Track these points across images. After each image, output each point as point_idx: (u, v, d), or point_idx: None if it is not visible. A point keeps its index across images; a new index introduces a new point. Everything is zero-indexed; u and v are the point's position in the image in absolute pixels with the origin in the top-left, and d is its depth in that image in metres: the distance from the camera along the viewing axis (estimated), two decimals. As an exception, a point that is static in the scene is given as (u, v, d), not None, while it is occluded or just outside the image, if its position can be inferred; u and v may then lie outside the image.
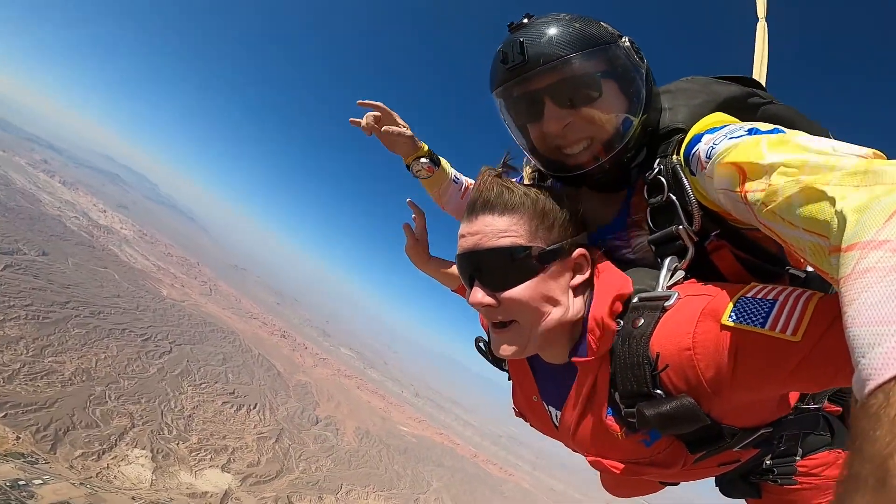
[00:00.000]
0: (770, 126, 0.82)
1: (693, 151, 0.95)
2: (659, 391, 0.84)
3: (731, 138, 0.84)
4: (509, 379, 1.27)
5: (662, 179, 1.02)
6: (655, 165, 1.04)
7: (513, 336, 0.98)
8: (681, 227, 0.98)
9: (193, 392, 29.60)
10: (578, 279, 1.00)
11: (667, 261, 1.00)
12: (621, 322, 0.93)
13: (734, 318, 0.77)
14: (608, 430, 0.96)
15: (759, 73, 1.97)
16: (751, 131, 0.83)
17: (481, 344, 1.28)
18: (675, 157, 1.02)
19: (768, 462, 1.24)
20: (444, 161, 1.75)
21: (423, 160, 1.68)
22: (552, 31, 1.01)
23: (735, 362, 0.76)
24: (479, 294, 0.97)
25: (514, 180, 1.04)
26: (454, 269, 1.66)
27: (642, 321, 0.88)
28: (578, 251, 1.00)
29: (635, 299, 0.94)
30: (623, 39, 1.08)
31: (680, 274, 0.97)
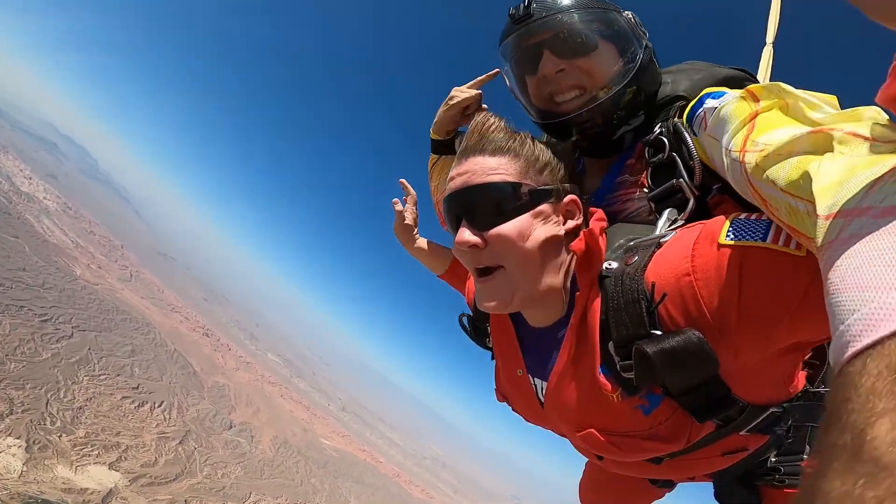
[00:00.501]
0: None
1: (698, 112, 0.98)
2: (657, 331, 0.77)
3: (731, 94, 0.88)
4: (492, 358, 1.19)
5: (664, 139, 1.04)
6: (656, 129, 1.07)
7: (499, 283, 0.93)
8: (682, 179, 0.97)
9: (89, 383, 26.80)
10: (570, 224, 0.96)
11: (666, 212, 0.98)
12: (613, 265, 0.87)
13: (732, 236, 0.73)
14: (601, 391, 0.86)
15: None
16: None
17: (464, 319, 1.27)
18: (677, 119, 1.06)
19: (773, 460, 1.14)
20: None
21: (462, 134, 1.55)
22: None
23: (740, 283, 0.69)
24: (465, 233, 0.93)
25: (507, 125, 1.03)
26: (441, 251, 1.68)
27: (636, 257, 0.84)
28: (570, 197, 0.97)
29: (630, 242, 0.91)
30: (626, 12, 1.18)
31: (680, 224, 0.94)
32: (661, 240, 0.85)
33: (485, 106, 1.44)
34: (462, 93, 1.43)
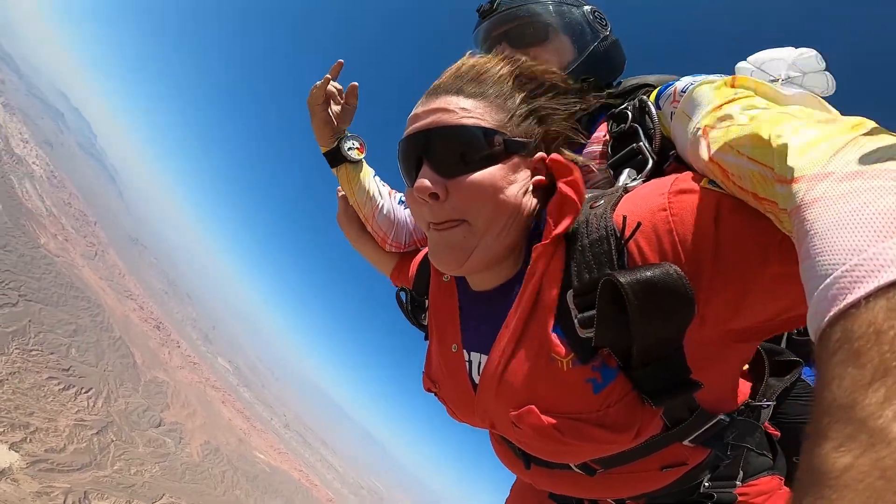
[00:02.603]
0: None
1: (667, 89, 1.00)
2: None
3: (710, 76, 0.90)
4: (426, 338, 1.11)
5: (628, 112, 1.07)
6: (621, 106, 1.11)
7: (461, 234, 0.83)
8: (642, 143, 0.99)
9: (18, 356, 25.97)
10: (537, 179, 0.87)
11: (626, 170, 0.97)
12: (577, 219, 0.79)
13: (712, 184, 0.69)
14: (551, 354, 0.76)
15: None
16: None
17: (402, 294, 1.17)
18: (643, 97, 1.08)
19: (707, 484, 1.04)
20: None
21: (351, 135, 1.41)
22: None
23: (717, 223, 0.65)
24: (425, 180, 0.81)
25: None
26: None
27: (602, 201, 0.79)
28: (540, 154, 0.88)
29: (593, 195, 0.85)
30: (587, 7, 1.28)
31: (639, 181, 0.91)
32: (627, 186, 0.82)
33: (355, 83, 1.34)
34: (312, 90, 1.31)
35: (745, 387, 0.97)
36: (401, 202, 1.50)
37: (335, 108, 1.37)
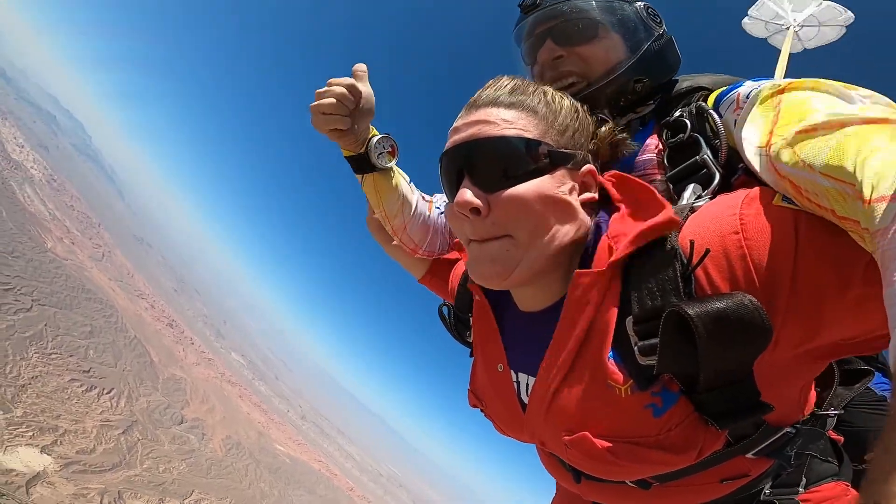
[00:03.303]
0: None
1: (728, 95, 0.92)
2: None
3: (776, 81, 0.81)
4: (471, 356, 1.08)
5: (685, 120, 0.98)
6: (676, 112, 1.03)
7: (504, 248, 0.78)
8: (705, 156, 0.90)
9: (38, 360, 25.94)
10: (586, 196, 0.82)
11: (690, 186, 0.88)
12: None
13: (786, 201, 0.64)
14: (607, 381, 0.71)
15: None
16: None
17: (445, 309, 1.14)
18: (701, 102, 1.00)
19: (767, 492, 1.01)
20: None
21: (381, 137, 1.23)
22: None
23: (796, 246, 0.60)
24: (467, 193, 0.77)
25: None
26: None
27: None
28: (588, 167, 0.84)
29: None
30: (640, 3, 1.17)
31: (706, 199, 0.83)
32: (693, 205, 0.77)
33: (359, 67, 1.17)
34: (333, 86, 1.12)
35: (812, 396, 0.92)
36: (437, 208, 1.42)
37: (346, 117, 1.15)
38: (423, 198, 1.42)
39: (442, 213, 1.42)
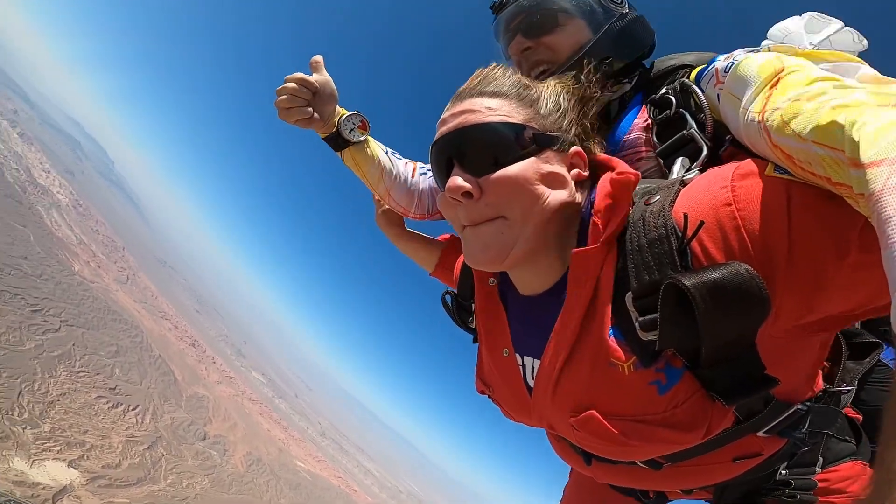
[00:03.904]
0: None
1: (708, 69, 0.94)
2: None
3: (751, 51, 0.84)
4: (475, 341, 1.08)
5: (671, 97, 1.01)
6: (662, 90, 1.05)
7: (498, 230, 0.78)
8: (692, 130, 0.93)
9: (67, 378, 26.79)
10: (576, 173, 0.83)
11: (679, 160, 0.91)
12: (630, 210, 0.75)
13: (778, 171, 0.64)
14: (609, 359, 0.72)
15: None
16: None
17: (447, 297, 1.14)
18: (684, 79, 1.02)
19: (784, 472, 1.00)
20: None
21: (349, 115, 1.33)
22: None
23: (789, 213, 0.60)
24: (457, 179, 0.78)
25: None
26: (432, 240, 1.56)
27: (658, 197, 0.73)
28: (576, 148, 0.84)
29: (647, 187, 0.79)
30: None
31: (695, 172, 0.85)
32: (684, 178, 0.78)
33: (315, 58, 1.28)
34: (286, 82, 1.22)
35: (820, 372, 0.90)
36: (421, 172, 1.48)
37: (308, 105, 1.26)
38: (406, 164, 1.48)
39: (426, 174, 1.50)
